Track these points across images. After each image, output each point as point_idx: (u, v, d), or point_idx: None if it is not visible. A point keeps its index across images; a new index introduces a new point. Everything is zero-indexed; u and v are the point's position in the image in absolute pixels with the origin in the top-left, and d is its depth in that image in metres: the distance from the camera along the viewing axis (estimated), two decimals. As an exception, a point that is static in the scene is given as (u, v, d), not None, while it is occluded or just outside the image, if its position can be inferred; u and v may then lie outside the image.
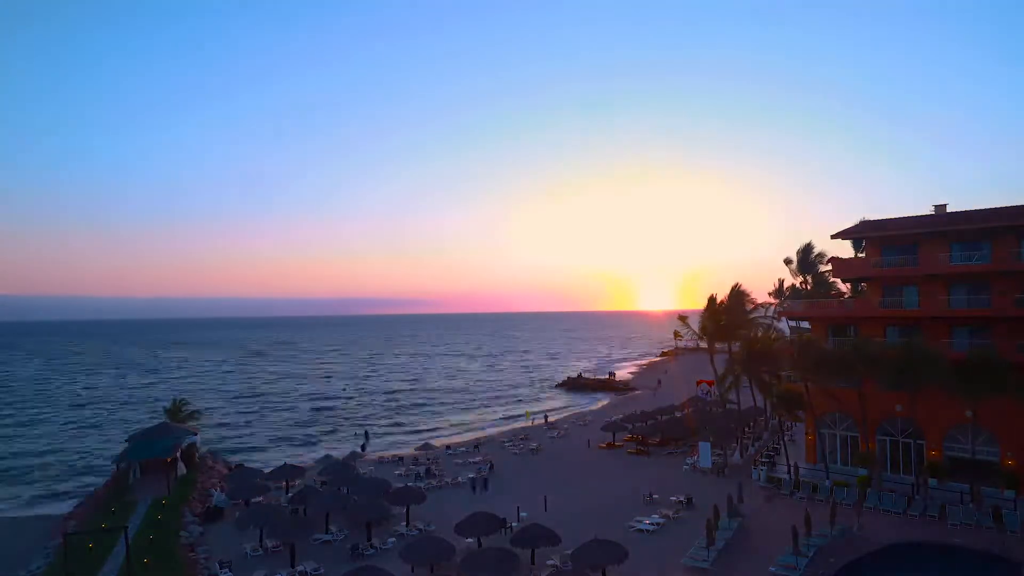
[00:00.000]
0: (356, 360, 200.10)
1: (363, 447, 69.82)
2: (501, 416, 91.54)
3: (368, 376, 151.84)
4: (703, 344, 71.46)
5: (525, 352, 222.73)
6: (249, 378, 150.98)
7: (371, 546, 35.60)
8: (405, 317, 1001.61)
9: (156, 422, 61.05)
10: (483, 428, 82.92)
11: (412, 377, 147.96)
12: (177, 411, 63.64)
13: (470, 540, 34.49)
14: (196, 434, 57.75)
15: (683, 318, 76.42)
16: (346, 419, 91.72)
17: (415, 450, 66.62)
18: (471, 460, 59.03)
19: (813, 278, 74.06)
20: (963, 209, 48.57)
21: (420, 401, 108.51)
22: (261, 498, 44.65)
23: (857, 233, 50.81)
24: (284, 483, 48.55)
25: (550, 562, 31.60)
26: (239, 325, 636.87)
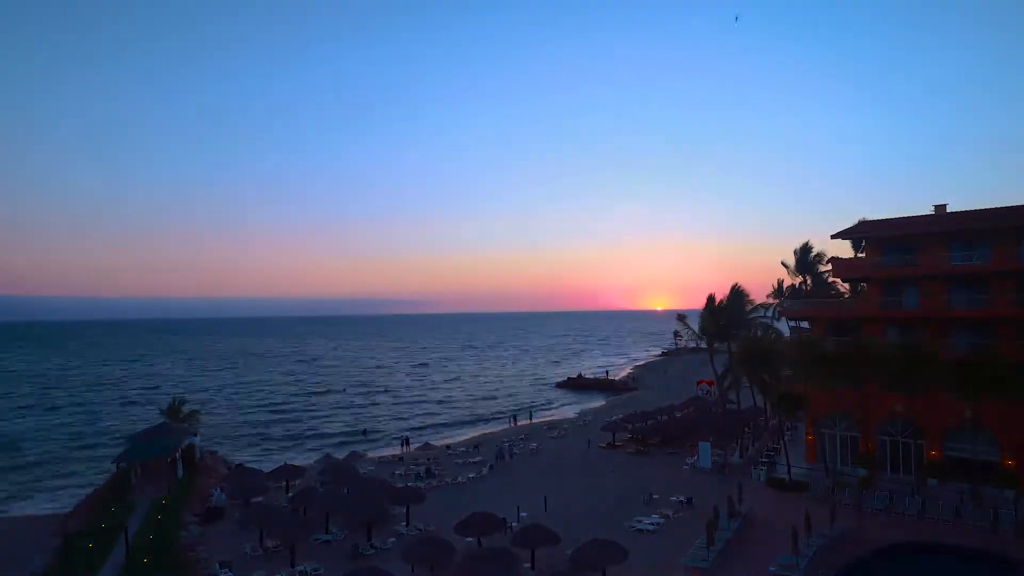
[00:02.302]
0: (356, 359, 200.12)
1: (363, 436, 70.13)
2: (501, 415, 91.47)
3: (369, 376, 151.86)
4: (703, 344, 71.62)
5: (528, 351, 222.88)
6: (251, 378, 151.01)
7: (371, 546, 35.58)
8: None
9: (156, 422, 61.04)
10: (483, 427, 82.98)
11: (413, 376, 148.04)
12: (177, 411, 63.61)
13: (470, 540, 34.50)
14: (196, 434, 57.76)
15: (682, 317, 76.56)
16: (346, 419, 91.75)
17: (415, 450, 66.62)
18: (471, 460, 59.05)
19: (813, 278, 74.03)
20: (963, 209, 48.64)
21: (420, 401, 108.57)
22: (261, 498, 44.64)
23: (857, 233, 50.84)
24: (284, 483, 48.57)
25: (550, 562, 31.60)
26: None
